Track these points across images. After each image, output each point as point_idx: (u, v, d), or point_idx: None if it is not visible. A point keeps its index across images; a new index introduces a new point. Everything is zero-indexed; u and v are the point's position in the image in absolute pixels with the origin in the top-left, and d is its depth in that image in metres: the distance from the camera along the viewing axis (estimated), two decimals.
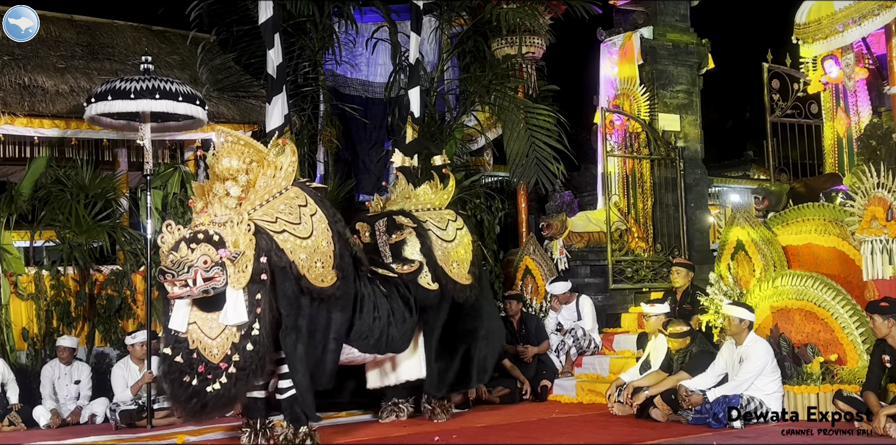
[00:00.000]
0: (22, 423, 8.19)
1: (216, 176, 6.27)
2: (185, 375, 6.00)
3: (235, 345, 6.00)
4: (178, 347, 6.07)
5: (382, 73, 11.80)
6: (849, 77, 10.07)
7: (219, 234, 5.99)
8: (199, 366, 5.98)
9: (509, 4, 10.88)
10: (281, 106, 9.11)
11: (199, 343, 6.03)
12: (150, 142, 8.41)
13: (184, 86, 8.45)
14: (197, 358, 6.01)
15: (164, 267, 5.88)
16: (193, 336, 6.06)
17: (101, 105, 8.17)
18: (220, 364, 5.98)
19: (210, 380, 5.96)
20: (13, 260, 9.11)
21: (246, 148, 6.28)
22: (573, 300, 9.81)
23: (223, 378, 5.96)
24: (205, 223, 6.11)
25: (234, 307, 6.00)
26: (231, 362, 5.97)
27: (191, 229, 6.10)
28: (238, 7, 10.59)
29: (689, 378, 7.23)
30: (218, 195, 6.19)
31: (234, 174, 6.21)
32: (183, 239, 5.99)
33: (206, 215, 6.16)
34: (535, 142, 10.39)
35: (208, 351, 6.02)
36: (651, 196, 11.26)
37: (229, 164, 6.21)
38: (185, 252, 5.93)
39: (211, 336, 6.04)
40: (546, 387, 9.03)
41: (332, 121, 11.11)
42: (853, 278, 7.54)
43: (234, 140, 6.28)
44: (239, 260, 5.99)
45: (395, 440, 6.89)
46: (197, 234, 6.00)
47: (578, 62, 14.90)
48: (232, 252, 5.96)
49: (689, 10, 11.93)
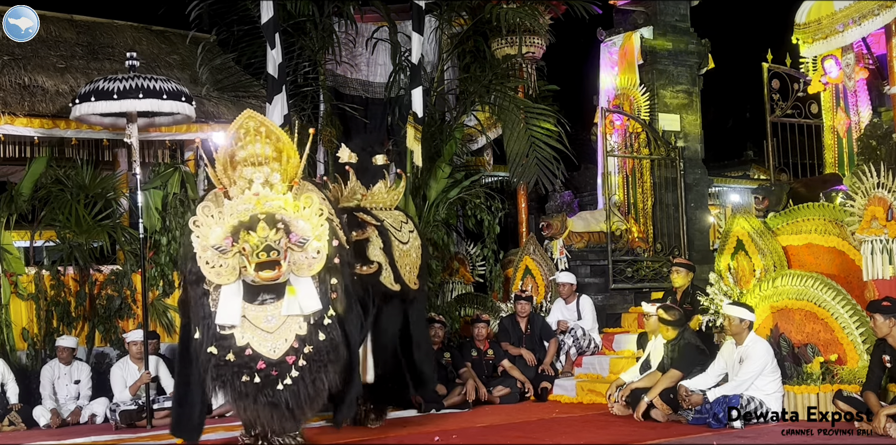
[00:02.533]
0: (22, 423, 8.21)
1: (241, 161, 5.84)
2: (241, 375, 5.55)
3: (303, 337, 5.61)
4: (225, 345, 5.57)
5: (382, 72, 11.80)
6: (849, 77, 10.07)
7: (283, 219, 5.60)
8: (256, 363, 5.53)
9: (509, 4, 10.87)
10: (281, 105, 9.13)
11: (252, 338, 5.57)
12: (137, 141, 8.40)
13: (168, 83, 8.41)
14: (252, 354, 5.54)
15: (269, 244, 5.38)
16: (242, 331, 5.58)
17: (85, 106, 8.16)
18: (287, 357, 5.55)
19: (276, 377, 5.52)
20: (13, 260, 9.12)
21: (271, 135, 5.92)
22: (573, 299, 9.83)
23: (293, 372, 5.55)
24: (259, 207, 5.61)
25: (305, 295, 5.61)
26: (300, 354, 5.58)
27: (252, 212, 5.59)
28: (238, 7, 10.59)
29: (680, 376, 7.26)
30: (256, 181, 5.74)
31: (262, 161, 5.82)
32: (259, 218, 5.51)
33: (255, 199, 5.64)
34: (535, 142, 10.39)
35: (264, 346, 5.56)
36: (651, 196, 11.26)
37: (261, 151, 5.83)
38: (268, 232, 5.45)
39: (268, 329, 5.59)
40: (546, 389, 9.04)
41: (332, 121, 11.11)
42: (853, 278, 7.54)
43: (258, 125, 5.89)
44: (308, 245, 5.60)
45: (395, 440, 6.89)
46: (271, 216, 5.54)
47: (578, 62, 14.91)
48: (300, 237, 5.59)
49: (689, 10, 11.92)
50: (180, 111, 8.52)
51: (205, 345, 5.66)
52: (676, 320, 7.57)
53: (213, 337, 5.62)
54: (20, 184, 9.51)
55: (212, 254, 5.56)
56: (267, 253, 5.39)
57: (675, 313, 7.62)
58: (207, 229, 5.60)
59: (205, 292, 5.72)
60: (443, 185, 10.28)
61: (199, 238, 5.60)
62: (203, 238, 5.59)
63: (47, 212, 9.46)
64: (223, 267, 5.58)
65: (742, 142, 22.07)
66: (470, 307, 10.39)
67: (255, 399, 5.56)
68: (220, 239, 5.54)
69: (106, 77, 8.35)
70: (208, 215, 5.63)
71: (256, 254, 5.42)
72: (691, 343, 7.51)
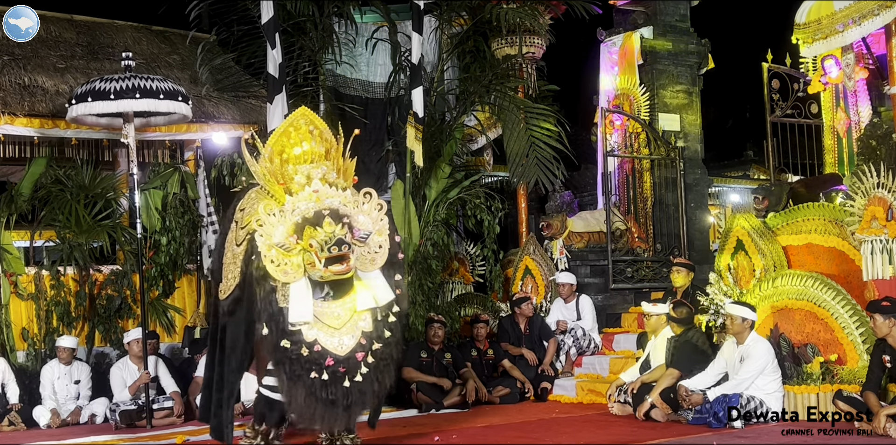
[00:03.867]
0: (22, 423, 8.22)
1: (294, 158, 5.83)
2: (311, 371, 5.42)
3: (370, 334, 5.54)
4: (296, 340, 5.47)
5: (382, 72, 11.79)
6: (849, 77, 10.06)
7: (347, 214, 5.55)
8: (325, 360, 5.44)
9: (509, 4, 10.86)
10: (282, 105, 9.12)
11: (319, 334, 5.49)
12: (133, 141, 8.41)
13: (165, 82, 8.41)
14: (321, 350, 5.45)
15: (340, 238, 5.31)
16: (311, 328, 5.50)
17: (82, 106, 8.16)
18: (356, 354, 5.47)
19: (342, 374, 5.43)
20: (13, 260, 9.12)
21: (324, 133, 5.95)
22: (573, 299, 9.83)
23: (363, 369, 5.46)
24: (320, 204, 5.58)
25: (377, 286, 5.58)
26: (369, 351, 5.50)
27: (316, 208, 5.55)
28: (238, 7, 10.58)
29: (678, 375, 7.28)
30: (315, 178, 5.69)
31: (315, 158, 5.82)
32: (324, 214, 5.45)
33: (316, 196, 5.60)
34: (535, 142, 10.38)
35: (330, 342, 5.49)
36: (651, 196, 11.26)
37: (315, 148, 5.84)
38: (334, 227, 5.39)
39: (335, 326, 5.52)
40: (546, 389, 9.04)
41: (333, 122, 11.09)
42: (853, 278, 7.54)
43: (308, 123, 5.93)
44: (370, 240, 5.57)
45: (395, 440, 6.89)
46: (335, 212, 5.49)
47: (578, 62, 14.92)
48: (362, 232, 5.53)
49: (689, 10, 11.92)
50: (177, 111, 8.51)
51: (275, 339, 5.55)
52: (683, 318, 7.59)
53: (283, 333, 5.54)
54: (20, 184, 9.52)
55: (276, 253, 5.50)
56: (339, 247, 5.33)
57: (683, 311, 7.63)
58: (271, 227, 5.53)
59: (273, 288, 5.62)
60: (443, 185, 10.27)
61: (262, 237, 5.53)
62: (267, 236, 5.52)
63: (47, 212, 9.46)
64: (289, 265, 5.52)
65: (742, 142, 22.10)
66: (470, 307, 10.39)
67: (317, 397, 5.48)
68: (284, 237, 5.49)
69: (102, 77, 8.35)
70: (271, 213, 5.57)
71: (328, 249, 5.35)
72: (690, 342, 7.52)
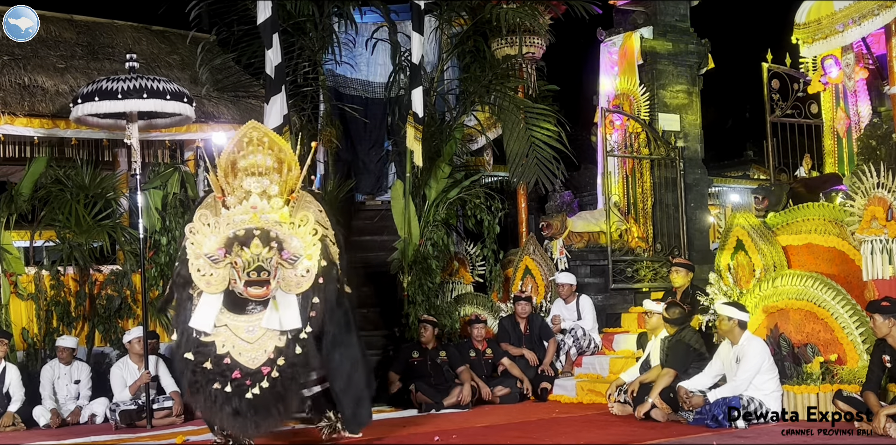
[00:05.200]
0: (22, 423, 8.21)
1: (242, 170, 5.84)
2: (214, 382, 5.56)
3: (281, 349, 5.64)
4: (204, 352, 5.60)
5: (382, 72, 11.80)
6: (849, 77, 10.06)
7: (280, 235, 5.60)
8: (233, 372, 5.56)
9: (509, 4, 10.86)
10: (280, 106, 9.12)
11: (232, 347, 5.61)
12: (137, 142, 8.42)
13: (170, 83, 8.44)
14: (230, 363, 5.58)
15: (260, 265, 5.39)
16: (223, 339, 5.62)
17: (88, 106, 8.16)
18: (262, 367, 5.59)
19: (248, 386, 5.55)
20: (13, 260, 9.12)
21: (274, 146, 5.92)
22: (573, 299, 9.82)
23: (264, 383, 5.58)
24: (256, 221, 5.62)
25: (287, 312, 5.66)
26: (274, 366, 5.61)
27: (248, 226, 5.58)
28: (238, 7, 10.58)
29: (674, 374, 7.30)
30: (255, 192, 5.73)
31: (263, 171, 5.82)
32: (254, 234, 5.49)
33: (253, 212, 5.64)
34: (535, 142, 10.38)
35: (243, 355, 5.60)
36: (651, 196, 11.25)
37: (262, 161, 5.83)
38: (262, 250, 5.46)
39: (248, 339, 5.63)
40: (546, 389, 9.04)
41: (332, 121, 11.11)
42: (853, 278, 7.53)
43: (261, 136, 5.91)
44: (298, 263, 5.63)
45: (395, 439, 6.89)
46: (266, 233, 5.53)
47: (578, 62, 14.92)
48: (291, 254, 5.60)
49: (689, 10, 11.91)
50: (182, 112, 8.53)
51: (182, 349, 5.70)
52: (676, 318, 7.60)
53: (193, 343, 5.65)
54: (20, 184, 9.52)
55: (203, 263, 5.58)
56: (258, 272, 5.42)
57: (676, 311, 7.64)
58: (202, 237, 5.59)
59: (189, 296, 5.77)
60: (443, 185, 10.27)
61: (193, 245, 5.60)
62: (197, 245, 5.59)
63: (47, 212, 9.46)
64: (213, 276, 5.60)
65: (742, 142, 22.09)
66: (470, 307, 10.39)
67: (221, 407, 5.59)
68: (213, 249, 5.55)
69: (108, 77, 8.35)
70: (205, 223, 5.62)
71: (248, 272, 5.44)
72: (682, 341, 7.54)
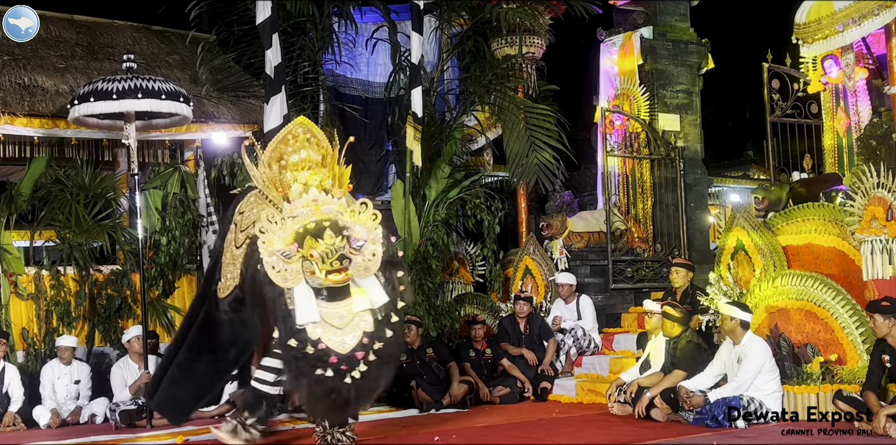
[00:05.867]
0: (22, 423, 8.21)
1: (293, 165, 6.05)
2: (316, 368, 5.64)
3: (371, 334, 5.73)
4: (302, 338, 5.70)
5: (382, 73, 11.81)
6: (849, 77, 10.06)
7: (345, 224, 5.76)
8: (329, 357, 5.65)
9: (509, 4, 10.87)
10: (280, 106, 9.12)
11: (323, 333, 5.70)
12: (134, 142, 8.42)
13: (167, 83, 8.44)
14: (325, 348, 5.67)
15: (344, 253, 5.58)
16: (315, 328, 5.72)
17: (85, 107, 8.16)
18: (356, 353, 5.66)
19: (345, 371, 5.64)
20: (13, 260, 9.12)
21: (320, 141, 6.15)
22: (573, 299, 9.82)
23: (362, 367, 5.65)
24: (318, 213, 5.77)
25: (372, 290, 5.77)
26: (369, 350, 5.68)
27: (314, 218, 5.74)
28: (238, 7, 10.60)
29: (684, 376, 7.25)
30: (312, 185, 5.92)
31: (312, 165, 6.04)
32: (325, 226, 5.67)
33: (314, 204, 5.79)
34: (535, 142, 10.39)
35: (333, 340, 5.69)
36: (651, 196, 11.25)
37: (313, 156, 6.07)
38: (335, 240, 5.63)
39: (338, 325, 5.72)
40: (546, 389, 9.04)
41: (332, 121, 11.11)
42: (853, 278, 7.53)
43: (306, 131, 6.14)
44: (365, 248, 5.75)
45: (395, 439, 6.89)
46: (335, 224, 5.71)
47: (578, 62, 14.91)
48: (357, 241, 5.73)
49: (689, 9, 11.91)
50: (178, 111, 8.53)
51: (284, 338, 5.76)
52: (682, 317, 7.59)
53: (293, 332, 5.74)
54: (20, 184, 9.52)
55: (277, 259, 5.70)
56: (340, 261, 5.58)
57: (681, 309, 7.64)
58: (272, 234, 5.71)
59: (280, 292, 5.83)
60: (443, 185, 10.28)
61: (265, 244, 5.72)
62: (269, 243, 5.71)
63: (47, 212, 9.46)
64: (288, 271, 5.72)
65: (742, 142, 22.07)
66: (470, 307, 10.39)
67: (322, 391, 5.70)
68: (285, 245, 5.67)
69: (104, 78, 8.36)
70: (273, 221, 5.74)
71: (330, 263, 5.59)
72: (693, 342, 7.51)
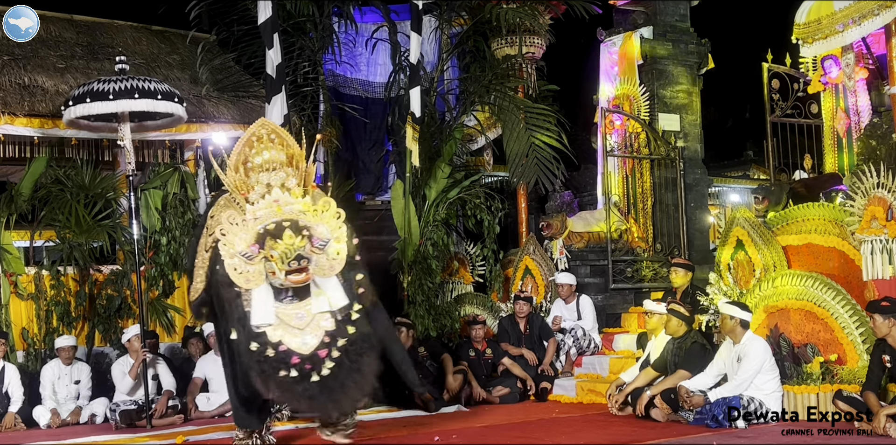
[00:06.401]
0: (22, 423, 8.21)
1: (257, 167, 6.07)
2: (280, 370, 5.68)
3: (332, 332, 5.76)
4: (262, 341, 5.72)
5: (382, 72, 11.81)
6: (849, 77, 10.06)
7: (307, 225, 5.77)
8: (291, 358, 5.69)
9: (509, 4, 10.87)
10: (280, 106, 9.13)
11: (283, 335, 5.74)
12: (130, 143, 8.41)
13: (161, 84, 8.44)
14: (286, 349, 5.70)
15: (300, 253, 5.61)
16: (273, 328, 5.75)
17: (80, 108, 8.14)
18: (318, 352, 5.70)
19: (309, 370, 5.67)
20: (13, 260, 9.12)
21: (284, 141, 6.19)
22: (573, 300, 9.82)
23: (328, 364, 5.68)
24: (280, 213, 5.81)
25: (332, 292, 5.80)
26: (332, 347, 5.72)
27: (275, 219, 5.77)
28: (238, 7, 10.59)
29: (688, 376, 7.23)
30: (275, 185, 5.96)
31: (277, 166, 6.07)
32: (284, 226, 5.70)
33: (276, 205, 5.84)
34: (535, 142, 10.39)
35: (294, 341, 5.73)
36: (651, 196, 11.25)
37: (276, 156, 6.09)
38: (294, 239, 5.66)
39: (298, 326, 5.77)
40: (546, 389, 9.04)
41: (332, 121, 11.12)
42: (853, 278, 7.53)
43: (270, 132, 6.18)
44: (328, 247, 5.79)
45: (395, 440, 6.89)
46: (295, 223, 5.73)
47: (578, 62, 14.91)
48: (320, 240, 5.76)
49: (689, 10, 11.91)
50: (173, 111, 8.52)
51: (244, 343, 5.80)
52: (689, 315, 7.59)
53: (252, 335, 5.78)
54: (20, 184, 9.51)
55: (239, 261, 5.75)
56: (298, 261, 5.62)
57: (688, 308, 7.64)
58: (233, 236, 5.76)
59: (237, 293, 5.88)
60: (443, 185, 10.28)
61: (225, 246, 5.77)
62: (230, 245, 5.76)
63: (47, 212, 9.46)
64: (250, 272, 5.76)
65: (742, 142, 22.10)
66: (470, 307, 10.39)
67: (294, 392, 5.74)
68: (246, 246, 5.72)
69: (97, 79, 8.34)
70: (233, 223, 5.79)
71: (288, 263, 5.63)
72: (699, 342, 7.49)
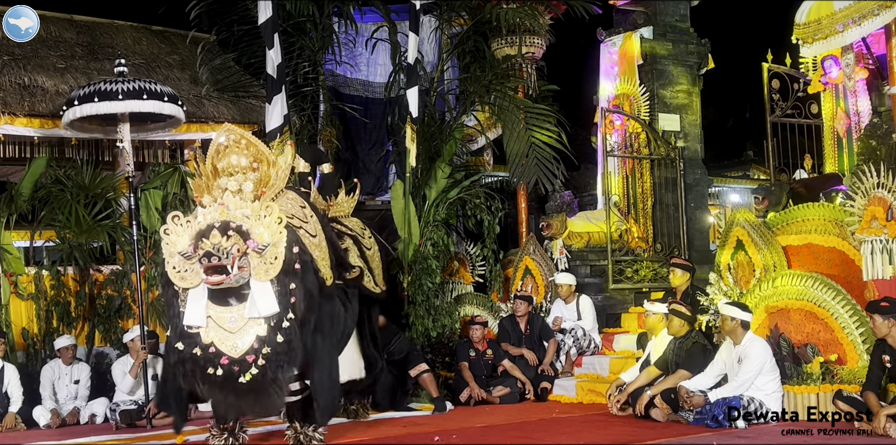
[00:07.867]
0: (22, 423, 8.21)
1: (220, 171, 6.22)
2: (207, 368, 5.83)
3: (263, 338, 5.86)
4: (191, 342, 5.89)
5: (382, 72, 11.81)
6: (849, 77, 10.06)
7: (244, 226, 5.86)
8: (220, 359, 5.82)
9: (509, 4, 10.87)
10: (280, 106, 9.13)
11: (216, 337, 5.87)
12: (129, 144, 8.43)
13: (163, 85, 8.47)
14: (216, 351, 5.84)
15: (209, 250, 5.68)
16: (207, 330, 5.89)
17: (88, 107, 8.17)
18: (246, 356, 5.82)
19: (237, 372, 5.80)
20: (13, 260, 9.12)
21: (250, 146, 6.29)
22: (573, 300, 9.82)
23: (253, 369, 5.80)
24: (223, 215, 5.92)
25: (262, 298, 5.88)
26: (259, 354, 5.83)
27: (212, 220, 5.88)
28: (238, 7, 10.60)
29: (689, 376, 7.23)
30: (229, 190, 6.07)
31: (239, 171, 6.20)
32: (213, 226, 5.81)
33: (221, 208, 5.95)
34: (535, 142, 10.38)
35: (227, 345, 5.85)
36: (651, 196, 11.25)
37: (237, 162, 6.22)
38: (220, 239, 5.74)
39: (231, 330, 5.88)
40: (546, 389, 9.04)
41: (332, 121, 11.12)
42: (853, 278, 7.53)
43: (238, 138, 6.28)
44: (267, 251, 5.87)
45: (395, 440, 6.90)
46: (226, 224, 5.83)
47: (578, 62, 14.92)
48: (259, 243, 5.84)
49: (689, 10, 11.91)
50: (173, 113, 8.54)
51: (173, 342, 6.03)
52: (691, 315, 7.59)
53: (182, 335, 5.96)
54: (20, 184, 9.52)
55: (178, 260, 5.95)
56: (208, 259, 5.71)
57: (689, 308, 7.64)
58: (176, 237, 5.95)
59: (175, 293, 6.08)
60: (443, 185, 10.27)
61: (167, 244, 5.98)
62: (171, 244, 5.96)
63: (47, 212, 9.46)
64: (188, 271, 5.96)
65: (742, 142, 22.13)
66: (470, 307, 10.39)
67: (221, 389, 5.90)
68: (184, 246, 5.88)
69: (98, 80, 8.36)
70: (178, 223, 5.97)
71: (199, 260, 5.76)
72: (700, 343, 7.48)
